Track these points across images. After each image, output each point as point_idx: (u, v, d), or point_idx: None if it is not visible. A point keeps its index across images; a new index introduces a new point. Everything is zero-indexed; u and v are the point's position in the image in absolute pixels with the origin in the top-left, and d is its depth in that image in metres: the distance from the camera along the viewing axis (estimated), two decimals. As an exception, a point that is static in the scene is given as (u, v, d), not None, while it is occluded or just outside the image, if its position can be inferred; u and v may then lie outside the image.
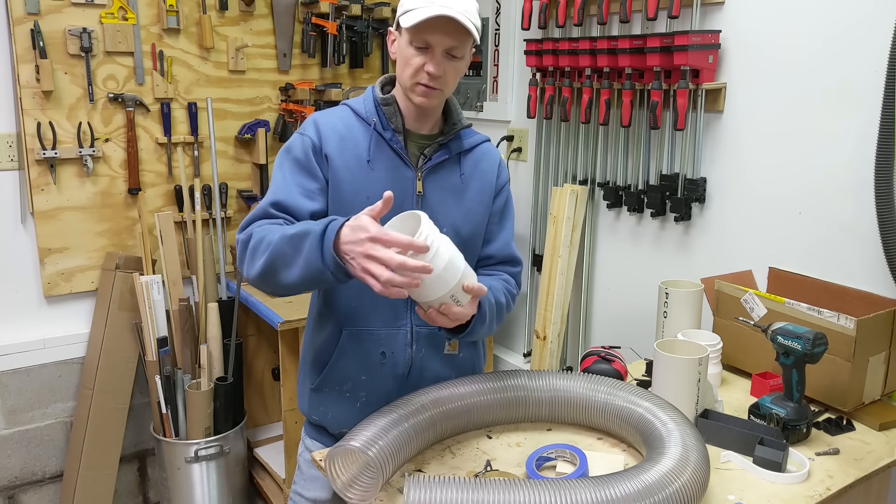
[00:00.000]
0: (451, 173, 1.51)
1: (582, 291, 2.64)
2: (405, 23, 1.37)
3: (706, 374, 1.51)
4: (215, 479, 2.69)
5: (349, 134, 1.47)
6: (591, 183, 2.56)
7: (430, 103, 1.43)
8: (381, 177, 1.45)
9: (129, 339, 2.69)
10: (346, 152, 1.45)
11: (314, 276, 1.24)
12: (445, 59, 1.39)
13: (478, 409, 1.47)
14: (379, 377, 1.51)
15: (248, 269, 1.36)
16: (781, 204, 2.00)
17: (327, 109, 1.54)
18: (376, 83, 1.53)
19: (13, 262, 2.58)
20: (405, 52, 1.40)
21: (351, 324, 1.50)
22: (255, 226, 1.39)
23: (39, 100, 2.52)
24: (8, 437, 2.63)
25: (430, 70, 1.38)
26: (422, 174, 1.47)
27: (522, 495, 1.12)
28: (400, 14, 1.40)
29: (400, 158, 1.46)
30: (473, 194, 1.53)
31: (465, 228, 1.51)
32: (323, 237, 1.22)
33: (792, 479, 1.36)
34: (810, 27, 1.88)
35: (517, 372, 1.54)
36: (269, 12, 2.94)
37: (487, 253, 1.59)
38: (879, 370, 1.66)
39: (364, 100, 1.51)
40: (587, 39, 2.32)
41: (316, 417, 1.59)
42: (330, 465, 1.27)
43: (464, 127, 1.53)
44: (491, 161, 1.58)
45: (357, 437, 1.26)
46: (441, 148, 1.49)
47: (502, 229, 1.60)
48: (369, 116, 1.47)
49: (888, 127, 1.66)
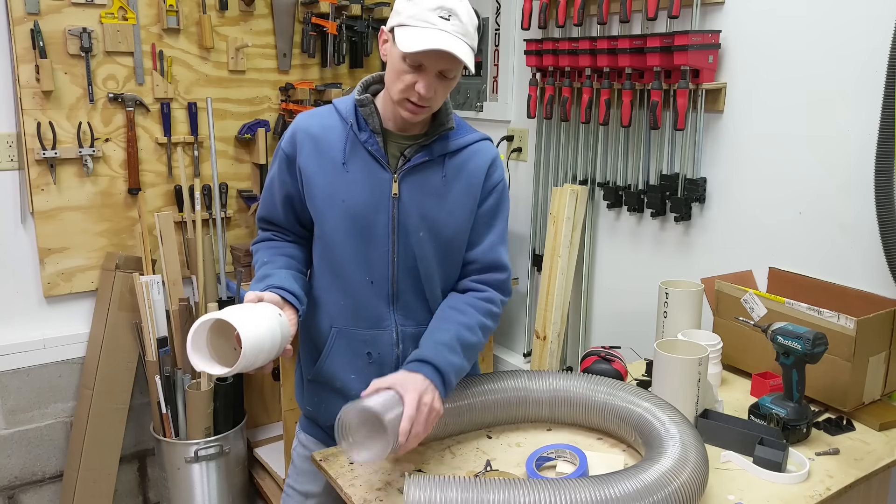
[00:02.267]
0: (432, 174, 1.46)
1: (582, 291, 2.64)
2: (400, 43, 1.32)
3: (706, 374, 1.51)
4: (215, 479, 2.69)
5: (325, 137, 1.46)
6: (591, 183, 2.56)
7: (416, 119, 1.41)
8: (356, 179, 1.44)
9: (129, 339, 2.69)
10: (320, 155, 1.45)
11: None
12: (437, 79, 1.36)
13: (479, 409, 1.47)
14: (367, 377, 1.49)
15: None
16: (781, 204, 2.00)
17: (313, 110, 1.54)
18: (360, 83, 1.50)
19: (13, 263, 2.58)
20: (396, 65, 1.36)
21: (339, 322, 1.50)
22: (255, 248, 1.59)
23: (39, 100, 2.52)
24: (8, 437, 2.63)
25: (421, 91, 1.34)
26: (398, 176, 1.44)
27: (522, 495, 1.12)
28: (396, 23, 1.35)
29: (375, 160, 1.44)
30: (456, 196, 1.47)
31: (446, 231, 1.47)
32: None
33: (792, 479, 1.36)
34: (810, 27, 1.88)
35: (517, 372, 1.54)
36: (269, 12, 2.94)
37: (471, 258, 1.52)
38: (879, 370, 1.66)
39: (347, 99, 1.49)
40: (587, 39, 2.32)
41: (310, 408, 1.60)
42: (341, 423, 1.23)
43: (448, 129, 1.48)
44: (481, 161, 1.50)
45: (373, 400, 1.25)
46: (422, 149, 1.46)
47: (489, 232, 1.52)
48: (347, 117, 1.46)
49: (888, 127, 1.66)
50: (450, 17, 1.32)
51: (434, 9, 1.31)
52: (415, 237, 1.45)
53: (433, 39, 1.30)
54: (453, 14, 1.32)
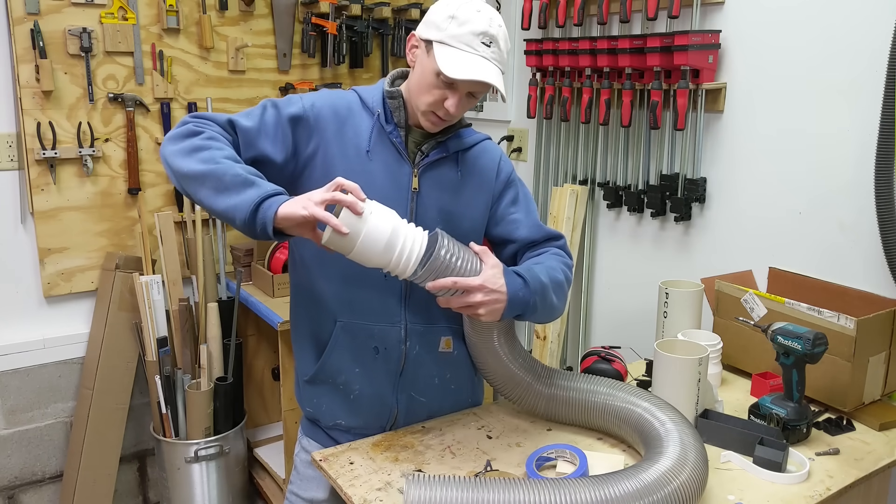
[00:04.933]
0: (448, 170, 1.50)
1: (582, 291, 2.64)
2: (441, 62, 1.32)
3: (706, 374, 1.51)
4: (215, 479, 2.69)
5: (351, 122, 1.46)
6: (591, 183, 2.56)
7: (436, 129, 1.45)
8: (378, 169, 1.44)
9: (129, 339, 2.69)
10: (343, 139, 1.44)
11: (233, 214, 1.25)
12: (466, 97, 1.40)
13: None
14: (372, 371, 1.51)
15: (176, 159, 1.32)
16: (781, 204, 2.00)
17: (335, 91, 1.52)
18: (388, 76, 1.51)
19: (13, 263, 2.58)
20: (428, 79, 1.37)
21: (344, 316, 1.49)
22: (209, 125, 1.37)
23: (39, 100, 2.52)
24: (8, 437, 2.63)
25: (451, 110, 1.37)
26: (418, 170, 1.47)
27: (522, 495, 1.12)
28: (435, 38, 1.35)
29: (398, 153, 1.46)
30: (472, 191, 1.52)
31: (463, 225, 1.50)
32: (267, 200, 1.24)
33: (792, 480, 1.36)
34: (810, 27, 1.88)
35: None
36: (269, 12, 2.94)
37: (527, 239, 1.55)
38: (879, 370, 1.66)
39: (373, 89, 1.50)
40: (587, 39, 2.32)
41: (310, 409, 1.59)
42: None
43: (464, 126, 1.53)
44: (491, 157, 1.56)
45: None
46: (439, 145, 1.49)
47: (527, 215, 1.56)
48: (374, 107, 1.46)
49: (888, 127, 1.66)
50: (491, 43, 1.35)
51: (479, 34, 1.34)
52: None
53: (476, 69, 1.33)
54: (494, 41, 1.36)
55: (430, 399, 1.57)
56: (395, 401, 1.53)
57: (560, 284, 1.47)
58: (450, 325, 1.54)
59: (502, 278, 1.35)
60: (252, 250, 2.95)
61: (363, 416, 1.53)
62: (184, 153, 1.32)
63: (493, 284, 1.32)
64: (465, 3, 1.36)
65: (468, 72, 1.32)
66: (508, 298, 1.34)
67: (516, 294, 1.35)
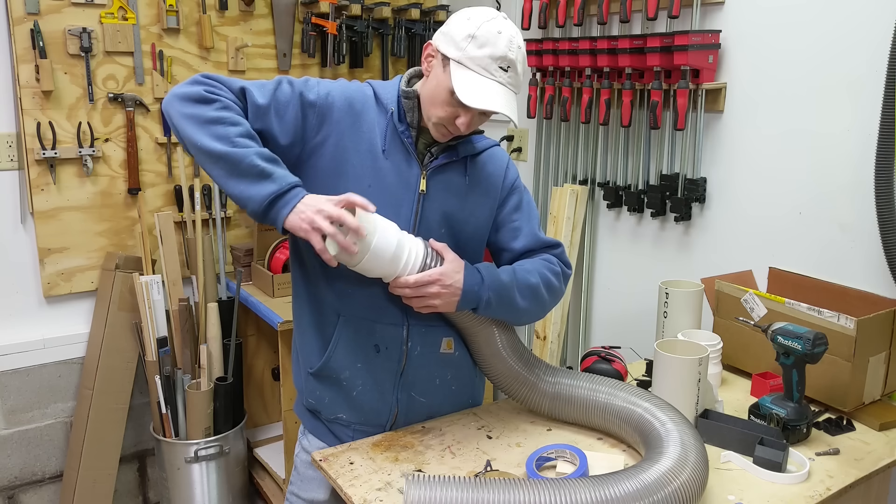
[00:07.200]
0: (456, 174, 1.49)
1: (582, 291, 2.64)
2: (457, 85, 1.32)
3: (706, 374, 1.51)
4: (215, 479, 2.69)
5: (366, 115, 1.45)
6: (591, 183, 2.56)
7: (445, 140, 1.45)
8: (388, 168, 1.44)
9: (129, 339, 2.69)
10: (357, 133, 1.43)
11: (245, 204, 1.30)
12: (478, 116, 1.40)
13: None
14: (374, 367, 1.50)
15: (186, 125, 1.30)
16: (781, 204, 2.00)
17: (352, 83, 1.49)
18: (405, 75, 1.49)
19: (13, 262, 2.58)
20: (442, 95, 1.37)
21: (347, 311, 1.49)
22: (222, 91, 1.35)
23: (39, 100, 2.52)
24: (8, 437, 2.63)
25: (462, 129, 1.38)
26: (427, 173, 1.46)
27: (522, 495, 1.12)
28: (453, 56, 1.34)
29: (408, 153, 1.45)
30: (477, 197, 1.52)
31: (467, 229, 1.51)
32: (281, 198, 1.28)
33: (792, 479, 1.36)
34: (810, 27, 1.88)
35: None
36: (268, 12, 2.94)
37: (524, 248, 1.56)
38: (879, 370, 1.66)
39: (389, 86, 1.48)
40: (587, 39, 2.32)
41: (311, 401, 1.58)
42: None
43: (475, 132, 1.52)
44: (498, 164, 1.56)
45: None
46: (448, 149, 1.48)
47: (528, 222, 1.57)
48: (389, 104, 1.45)
49: (888, 127, 1.66)
50: (508, 68, 1.35)
51: (497, 58, 1.33)
52: (436, 234, 1.47)
53: (490, 98, 1.33)
54: (512, 66, 1.35)
55: (431, 399, 1.57)
56: (395, 400, 1.53)
57: (532, 287, 1.48)
58: (451, 327, 1.54)
59: (461, 273, 1.40)
60: (252, 250, 2.95)
61: (364, 414, 1.54)
62: (196, 122, 1.31)
63: (450, 279, 1.38)
64: (486, 21, 1.34)
65: (483, 101, 1.32)
66: (463, 291, 1.39)
67: (471, 288, 1.40)
